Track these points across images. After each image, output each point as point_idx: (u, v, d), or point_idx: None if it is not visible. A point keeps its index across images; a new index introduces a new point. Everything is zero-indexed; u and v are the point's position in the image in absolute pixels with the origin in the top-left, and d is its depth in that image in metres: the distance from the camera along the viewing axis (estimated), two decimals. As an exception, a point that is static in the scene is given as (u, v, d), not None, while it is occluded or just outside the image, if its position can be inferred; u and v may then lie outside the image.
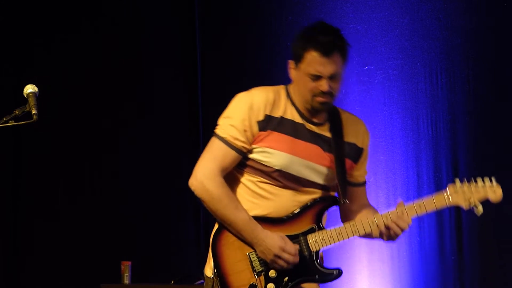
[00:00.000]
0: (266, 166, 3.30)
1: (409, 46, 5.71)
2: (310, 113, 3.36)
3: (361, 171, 3.52)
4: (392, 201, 5.67)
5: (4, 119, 3.11)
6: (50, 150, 6.27)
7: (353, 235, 3.36)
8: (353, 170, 3.47)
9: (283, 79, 5.94)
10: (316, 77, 3.28)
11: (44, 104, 3.42)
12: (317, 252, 3.33)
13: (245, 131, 3.28)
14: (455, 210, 5.54)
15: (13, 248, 6.27)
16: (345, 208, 3.48)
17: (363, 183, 3.55)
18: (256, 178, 3.32)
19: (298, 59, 3.31)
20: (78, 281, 6.05)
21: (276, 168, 3.29)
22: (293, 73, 3.37)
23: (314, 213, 3.34)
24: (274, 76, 5.94)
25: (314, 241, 3.32)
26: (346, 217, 3.50)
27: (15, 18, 6.25)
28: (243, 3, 6.11)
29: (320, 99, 3.29)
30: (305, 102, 3.34)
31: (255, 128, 3.29)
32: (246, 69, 5.95)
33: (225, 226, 3.30)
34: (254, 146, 3.30)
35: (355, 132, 3.45)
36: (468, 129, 5.56)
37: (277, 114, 3.33)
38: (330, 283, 3.42)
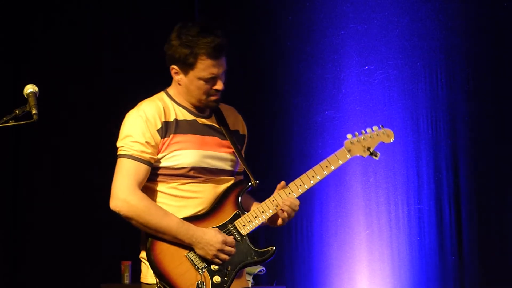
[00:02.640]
0: (179, 168, 3.36)
1: (409, 46, 5.71)
2: (197, 108, 3.45)
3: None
4: (392, 201, 5.67)
5: (4, 119, 3.11)
6: (50, 149, 6.27)
7: (275, 210, 3.41)
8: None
9: (282, 79, 5.96)
10: (211, 80, 3.37)
11: (44, 103, 3.42)
12: (248, 235, 3.39)
13: (148, 143, 3.35)
14: (455, 210, 5.54)
15: (13, 248, 6.27)
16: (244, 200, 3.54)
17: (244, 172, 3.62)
18: (175, 183, 3.38)
19: (187, 66, 3.38)
20: (78, 281, 6.05)
21: (190, 166, 3.36)
22: (179, 78, 3.43)
23: (233, 199, 3.42)
24: (274, 75, 5.95)
25: (243, 225, 3.38)
26: None
27: (12, 16, 6.26)
28: (243, 3, 6.11)
29: (214, 97, 3.40)
30: (195, 102, 3.42)
31: (157, 137, 3.36)
32: (246, 69, 5.95)
33: (156, 238, 3.35)
34: (161, 154, 3.37)
35: (236, 121, 3.56)
36: (468, 129, 5.56)
37: (171, 118, 3.41)
38: (329, 283, 3.42)
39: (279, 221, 3.46)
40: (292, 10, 5.95)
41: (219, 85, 3.39)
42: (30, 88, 3.16)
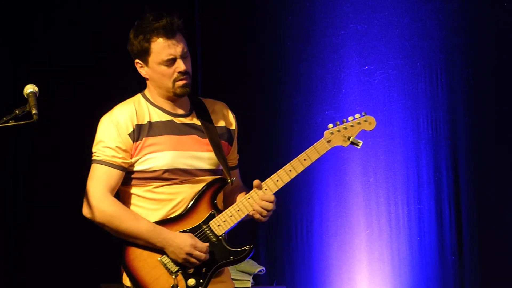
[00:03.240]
0: (153, 171, 3.33)
1: (409, 46, 5.71)
2: (174, 106, 3.40)
3: (234, 154, 3.55)
4: (392, 201, 5.67)
5: (4, 119, 3.11)
6: (49, 149, 6.27)
7: (251, 208, 3.34)
8: (229, 154, 3.50)
9: (282, 79, 5.96)
10: (171, 61, 3.33)
11: (44, 103, 3.42)
12: (223, 235, 3.34)
13: (118, 148, 3.33)
14: (455, 210, 5.54)
15: (13, 248, 6.26)
16: (221, 199, 3.48)
17: (236, 166, 3.57)
18: (150, 186, 3.35)
19: (145, 54, 3.36)
20: (78, 281, 6.05)
21: (164, 168, 3.32)
22: (144, 71, 3.41)
23: (208, 199, 3.36)
24: (274, 75, 5.95)
25: (218, 225, 3.33)
26: (224, 199, 3.50)
27: (12, 16, 6.26)
28: (243, 3, 6.11)
29: (181, 82, 3.34)
30: (166, 95, 3.38)
31: (128, 141, 3.34)
32: (246, 69, 5.95)
33: (129, 243, 3.33)
34: (135, 158, 3.34)
35: (223, 116, 3.50)
36: (468, 129, 5.56)
37: (144, 120, 3.37)
38: (329, 283, 3.42)
39: (256, 215, 3.37)
40: (292, 10, 5.95)
41: (180, 66, 3.33)
42: (30, 88, 3.16)
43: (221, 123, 3.48)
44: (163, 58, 3.33)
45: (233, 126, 3.53)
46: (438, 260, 5.55)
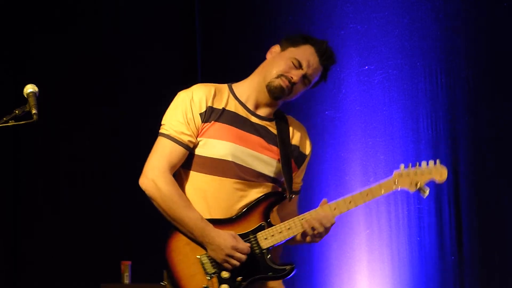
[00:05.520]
0: (212, 158, 3.28)
1: (409, 46, 5.71)
2: (256, 107, 3.39)
3: (299, 179, 3.52)
4: (392, 201, 5.67)
5: (4, 119, 3.11)
6: (49, 149, 6.27)
7: (303, 229, 3.32)
8: (294, 176, 3.47)
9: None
10: (297, 66, 3.35)
11: (44, 103, 3.42)
12: (268, 249, 3.29)
13: (188, 124, 3.29)
14: (455, 210, 5.54)
15: (13, 248, 6.27)
16: (275, 213, 3.43)
17: (298, 192, 3.54)
18: (204, 176, 3.30)
19: (292, 44, 3.40)
20: (78, 281, 6.05)
21: (221, 158, 3.28)
22: (273, 54, 3.44)
23: (262, 210, 3.31)
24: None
25: (265, 238, 3.28)
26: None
27: (12, 16, 6.26)
28: (243, 3, 6.11)
29: (282, 82, 3.34)
30: (255, 93, 3.37)
31: (198, 120, 3.30)
32: (246, 69, 5.94)
33: (176, 229, 3.28)
34: (199, 139, 3.30)
35: (301, 138, 3.48)
36: (468, 129, 5.56)
37: (219, 106, 3.34)
38: (329, 283, 3.42)
39: (307, 238, 3.35)
40: (292, 10, 5.95)
41: (296, 75, 3.34)
42: (30, 88, 3.16)
43: (296, 143, 3.46)
44: (297, 57, 3.36)
45: (307, 152, 3.50)
46: (438, 260, 5.55)
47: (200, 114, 3.30)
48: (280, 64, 3.37)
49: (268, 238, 3.28)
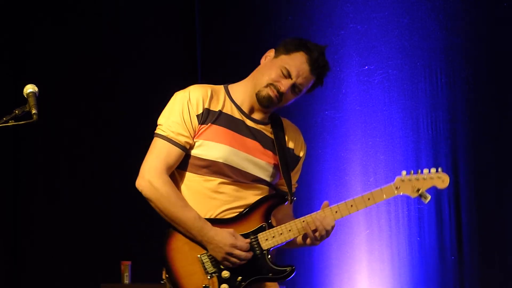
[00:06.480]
0: (206, 160, 3.28)
1: (409, 46, 5.71)
2: (252, 110, 3.38)
3: (294, 181, 3.51)
4: (392, 201, 5.67)
5: (4, 119, 3.11)
6: (49, 149, 6.27)
7: (304, 231, 3.32)
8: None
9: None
10: (286, 75, 3.32)
11: (44, 101, 3.42)
12: (268, 250, 3.29)
13: (185, 125, 3.28)
14: (455, 210, 5.54)
15: (13, 248, 6.27)
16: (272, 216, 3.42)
17: (291, 191, 3.52)
18: (200, 177, 3.30)
19: (285, 51, 3.37)
20: (78, 281, 6.05)
21: (217, 160, 3.27)
22: (267, 60, 3.41)
23: (263, 211, 3.31)
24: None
25: (265, 239, 3.29)
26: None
27: (12, 16, 6.26)
28: (243, 3, 6.11)
29: (271, 92, 3.32)
30: (251, 92, 3.36)
31: (195, 121, 3.29)
32: (246, 69, 5.94)
33: (174, 229, 3.28)
34: (195, 140, 3.30)
35: (295, 140, 3.48)
36: (468, 129, 5.56)
37: (216, 108, 3.34)
38: (329, 283, 3.41)
39: (308, 240, 3.35)
40: (292, 10, 5.95)
41: (284, 85, 3.32)
42: (30, 88, 3.16)
43: (291, 145, 3.46)
44: (286, 66, 3.33)
45: (301, 154, 3.50)
46: (438, 260, 5.55)
47: (197, 115, 3.30)
48: (271, 72, 3.35)
49: (269, 239, 3.29)
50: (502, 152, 5.50)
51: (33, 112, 3.08)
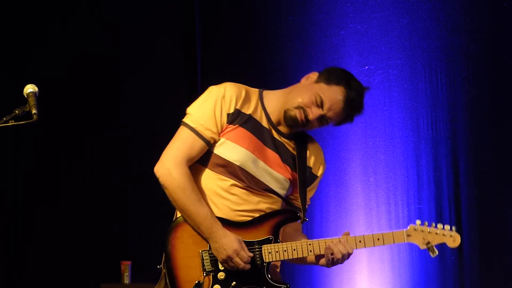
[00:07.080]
0: (224, 159, 3.27)
1: (409, 46, 5.71)
2: (278, 122, 3.36)
3: (307, 198, 3.50)
4: (392, 201, 5.67)
5: (4, 119, 3.10)
6: (49, 149, 6.27)
7: (308, 254, 3.34)
8: None
9: (282, 79, 5.96)
10: (319, 104, 3.30)
11: (44, 101, 3.42)
12: (268, 264, 3.28)
13: (215, 120, 3.27)
14: (455, 210, 5.54)
15: (13, 248, 6.27)
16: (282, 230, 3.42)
17: (305, 210, 3.52)
18: (215, 175, 3.29)
19: (326, 80, 3.33)
20: (78, 281, 6.05)
21: (235, 163, 3.27)
22: (308, 81, 3.37)
23: (273, 223, 3.31)
24: (274, 76, 5.95)
25: (269, 252, 3.28)
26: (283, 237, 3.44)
27: (12, 16, 6.26)
28: (243, 3, 6.11)
29: (299, 114, 3.29)
30: (279, 109, 3.34)
31: (225, 119, 3.28)
32: (246, 69, 5.95)
33: (182, 221, 3.27)
34: (220, 137, 3.29)
35: (315, 159, 3.46)
36: (468, 129, 5.56)
37: (247, 111, 3.33)
38: (329, 283, 3.41)
39: (322, 261, 3.38)
40: (292, 10, 5.95)
41: (313, 113, 3.29)
42: (30, 88, 3.15)
43: (310, 164, 3.45)
44: (322, 95, 3.29)
45: (319, 173, 3.48)
46: (438, 260, 5.55)
47: (228, 114, 3.29)
48: (305, 96, 3.31)
49: (272, 253, 3.28)
50: (502, 152, 5.50)
51: (33, 112, 3.08)
